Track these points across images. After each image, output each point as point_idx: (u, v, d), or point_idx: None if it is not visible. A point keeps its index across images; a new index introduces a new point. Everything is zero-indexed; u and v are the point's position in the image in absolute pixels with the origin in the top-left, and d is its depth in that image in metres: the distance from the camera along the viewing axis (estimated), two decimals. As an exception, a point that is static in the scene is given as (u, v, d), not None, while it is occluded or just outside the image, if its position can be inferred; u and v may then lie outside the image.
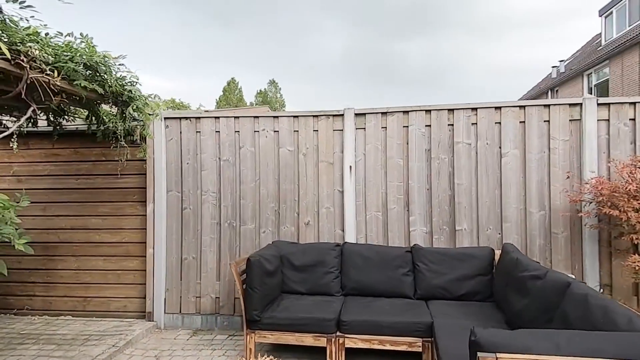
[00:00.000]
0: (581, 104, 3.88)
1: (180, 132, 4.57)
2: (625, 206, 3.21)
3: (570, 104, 3.93)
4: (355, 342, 3.30)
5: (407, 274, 3.82)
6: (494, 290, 3.62)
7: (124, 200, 4.69)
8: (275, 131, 4.45)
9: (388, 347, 3.26)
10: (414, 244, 4.01)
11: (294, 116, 4.41)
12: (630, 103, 3.79)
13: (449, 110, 4.14)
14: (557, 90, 22.34)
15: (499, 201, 4.04)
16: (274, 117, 4.45)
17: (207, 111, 4.67)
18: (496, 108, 4.06)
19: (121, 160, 4.13)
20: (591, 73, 19.21)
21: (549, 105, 3.97)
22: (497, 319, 3.20)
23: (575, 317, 2.13)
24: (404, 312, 3.38)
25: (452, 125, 4.13)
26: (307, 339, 3.36)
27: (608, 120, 3.84)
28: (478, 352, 1.58)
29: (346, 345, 3.31)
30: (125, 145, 3.95)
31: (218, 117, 4.54)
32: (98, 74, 3.31)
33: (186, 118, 4.56)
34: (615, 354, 1.51)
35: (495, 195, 4.05)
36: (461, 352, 2.56)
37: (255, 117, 4.48)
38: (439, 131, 4.15)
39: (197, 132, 4.56)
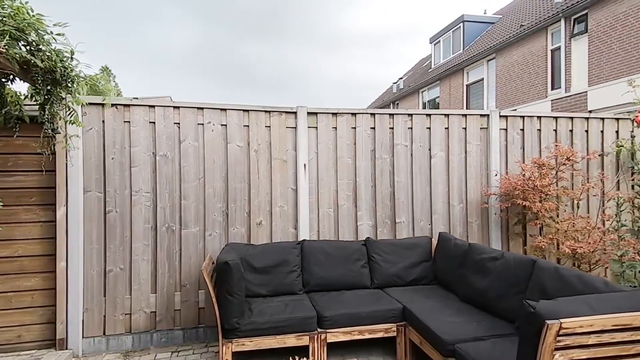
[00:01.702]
0: (488, 115, 4.76)
1: (103, 121, 3.83)
2: (533, 198, 4.12)
3: (480, 115, 4.78)
4: (337, 335, 3.38)
5: (364, 266, 4.06)
6: (437, 274, 4.15)
7: (16, 204, 3.66)
8: (222, 125, 4.13)
9: (367, 335, 3.43)
10: (367, 237, 4.28)
11: (245, 110, 4.17)
12: (521, 116, 4.84)
13: (390, 114, 4.55)
14: (397, 104, 25.88)
15: (429, 196, 4.63)
16: (221, 109, 4.12)
17: (136, 98, 4.02)
18: (427, 115, 4.65)
19: (45, 154, 3.22)
20: (425, 90, 22.86)
21: (466, 115, 4.74)
22: (452, 297, 3.71)
23: (553, 287, 2.68)
24: (375, 302, 3.60)
25: (393, 128, 4.55)
26: (290, 340, 3.28)
27: (506, 129, 4.81)
28: (547, 321, 1.89)
29: (328, 340, 3.35)
30: (52, 134, 3.11)
31: (153, 106, 3.97)
32: (27, 43, 2.57)
33: (111, 105, 3.84)
34: (630, 308, 2.01)
35: (426, 191, 4.62)
36: (455, 329, 2.94)
37: (199, 108, 4.07)
38: (382, 133, 4.51)
39: (125, 122, 3.89)
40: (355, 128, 4.44)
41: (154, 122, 3.97)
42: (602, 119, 5.01)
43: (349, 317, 3.39)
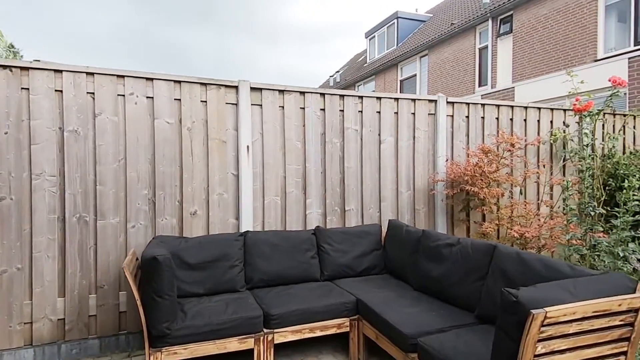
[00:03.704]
0: (436, 101, 4.67)
1: (-9, 86, 3.06)
2: (480, 184, 4.08)
3: (429, 100, 4.67)
4: (285, 335, 3.01)
5: (314, 257, 3.74)
6: (387, 263, 3.96)
7: None
8: (148, 97, 3.53)
9: (319, 333, 3.11)
10: (317, 226, 3.96)
11: (176, 81, 3.61)
12: (466, 103, 4.81)
13: (340, 96, 4.25)
14: (335, 95, 25.81)
15: (378, 183, 4.43)
16: (147, 79, 3.52)
17: (37, 61, 3.27)
18: (377, 98, 4.43)
19: None
20: (361, 84, 23.11)
21: (415, 100, 4.60)
22: (406, 287, 3.53)
23: (516, 272, 2.56)
24: (327, 295, 3.29)
25: (343, 111, 4.26)
26: (232, 344, 2.85)
27: (452, 116, 4.75)
28: (532, 310, 1.70)
29: (275, 341, 2.98)
30: None
31: (60, 71, 3.25)
32: None
33: (4, 67, 3.08)
34: (609, 292, 1.91)
35: (375, 178, 4.42)
36: (415, 321, 2.73)
37: (119, 76, 3.43)
38: (332, 116, 4.20)
39: (23, 89, 3.15)
40: (304, 108, 4.08)
41: (61, 91, 3.26)
42: (539, 108, 5.18)
43: (299, 314, 3.04)
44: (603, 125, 5.41)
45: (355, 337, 3.23)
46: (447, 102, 4.72)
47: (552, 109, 5.26)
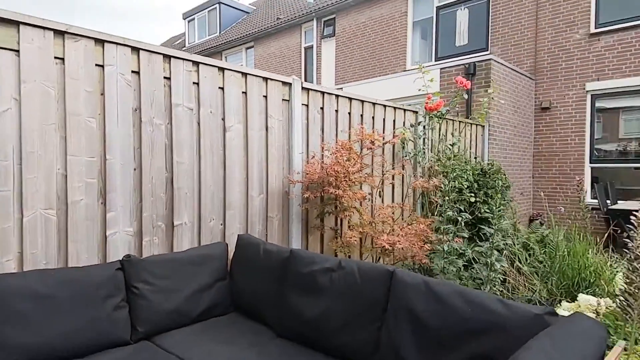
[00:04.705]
0: (291, 84, 3.80)
1: None
2: (344, 186, 3.40)
3: (283, 82, 3.76)
4: None
5: (121, 306, 2.33)
6: (235, 297, 2.87)
7: None
8: None
9: None
10: (126, 255, 2.53)
11: None
12: (321, 92, 4.10)
13: (165, 56, 2.90)
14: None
15: (222, 184, 3.28)
16: None
17: None
18: (220, 69, 3.26)
19: None
20: (178, 69, 20.74)
21: (267, 79, 3.62)
22: (265, 332, 2.51)
23: (429, 312, 1.87)
24: (145, 374, 1.99)
25: (170, 79, 2.93)
26: None
27: (307, 105, 3.98)
28: None
29: None
30: None
31: None
32: None
33: None
34: (591, 352, 1.33)
35: (219, 178, 3.25)
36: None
37: None
38: (152, 84, 2.82)
39: None
40: (103, 67, 2.57)
41: None
42: (385, 106, 4.92)
43: None
44: (433, 128, 5.58)
45: None
46: (302, 88, 3.91)
47: (395, 108, 5.09)
